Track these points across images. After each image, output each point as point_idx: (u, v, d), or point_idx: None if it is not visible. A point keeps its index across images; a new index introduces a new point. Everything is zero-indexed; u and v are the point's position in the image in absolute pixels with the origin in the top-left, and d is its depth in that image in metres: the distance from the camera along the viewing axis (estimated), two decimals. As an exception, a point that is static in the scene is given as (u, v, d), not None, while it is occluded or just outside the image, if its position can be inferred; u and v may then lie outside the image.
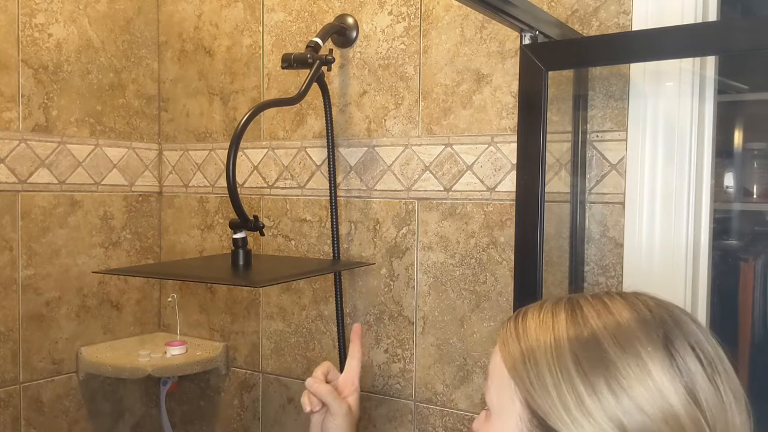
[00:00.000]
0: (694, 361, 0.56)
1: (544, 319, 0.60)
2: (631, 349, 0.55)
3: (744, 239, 2.13)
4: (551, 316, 0.60)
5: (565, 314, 0.60)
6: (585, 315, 0.59)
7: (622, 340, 0.56)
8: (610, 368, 0.54)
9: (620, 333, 0.56)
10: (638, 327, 0.57)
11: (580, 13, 1.32)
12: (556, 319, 0.59)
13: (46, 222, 1.70)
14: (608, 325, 0.57)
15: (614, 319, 0.58)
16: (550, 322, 0.59)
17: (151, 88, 1.93)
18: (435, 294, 1.51)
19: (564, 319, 0.59)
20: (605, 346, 0.56)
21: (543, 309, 0.62)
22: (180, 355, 1.77)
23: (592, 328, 0.57)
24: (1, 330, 1.63)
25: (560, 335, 0.58)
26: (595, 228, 1.32)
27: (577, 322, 0.58)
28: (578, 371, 0.55)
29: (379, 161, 1.57)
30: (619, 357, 0.55)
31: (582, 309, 0.59)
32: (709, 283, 1.28)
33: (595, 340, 0.56)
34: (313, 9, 1.65)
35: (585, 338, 0.56)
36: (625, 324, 0.57)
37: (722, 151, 2.15)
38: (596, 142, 1.32)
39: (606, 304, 0.60)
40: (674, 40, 1.00)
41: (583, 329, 0.57)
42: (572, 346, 0.56)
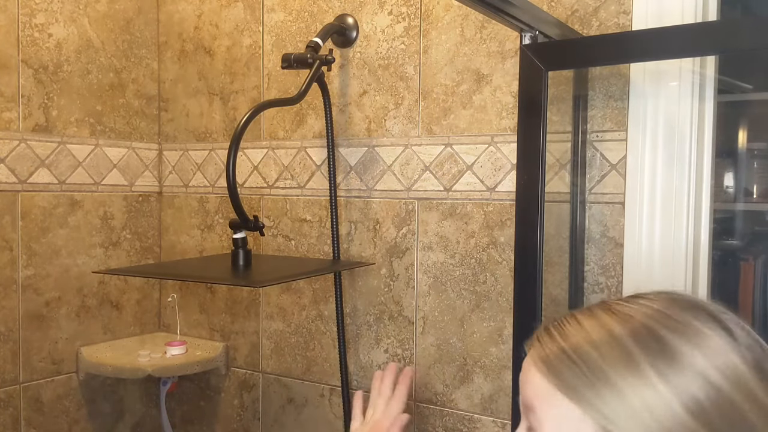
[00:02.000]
0: (746, 337, 0.55)
1: (591, 326, 0.58)
2: (688, 330, 0.54)
3: (744, 239, 2.13)
4: (594, 321, 0.58)
5: (607, 316, 0.58)
6: (627, 312, 0.57)
7: (675, 323, 0.55)
8: (671, 350, 0.53)
9: (670, 319, 0.56)
10: (685, 312, 0.56)
11: (580, 13, 1.32)
12: (602, 322, 0.57)
13: (46, 222, 1.70)
14: (655, 315, 0.56)
15: (658, 310, 0.57)
16: (597, 325, 0.57)
17: (151, 88, 1.93)
18: (435, 294, 1.51)
19: (609, 319, 0.57)
20: (661, 332, 0.55)
21: (579, 321, 0.59)
22: (180, 355, 1.77)
23: (640, 320, 0.56)
24: (1, 330, 1.63)
25: (614, 332, 0.56)
26: (595, 228, 1.32)
27: (624, 319, 0.57)
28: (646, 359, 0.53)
29: (379, 161, 1.57)
30: (677, 338, 0.54)
31: (620, 309, 0.58)
32: (709, 283, 1.28)
33: (649, 328, 0.55)
34: (313, 9, 1.65)
35: (639, 329, 0.55)
36: (670, 311, 0.56)
37: (722, 151, 2.15)
38: (596, 142, 1.32)
39: (640, 302, 0.59)
40: (674, 40, 1.00)
41: (633, 323, 0.56)
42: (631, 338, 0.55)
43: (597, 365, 0.54)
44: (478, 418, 1.46)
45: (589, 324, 0.58)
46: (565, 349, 0.57)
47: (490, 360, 1.44)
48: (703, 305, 0.58)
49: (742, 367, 0.54)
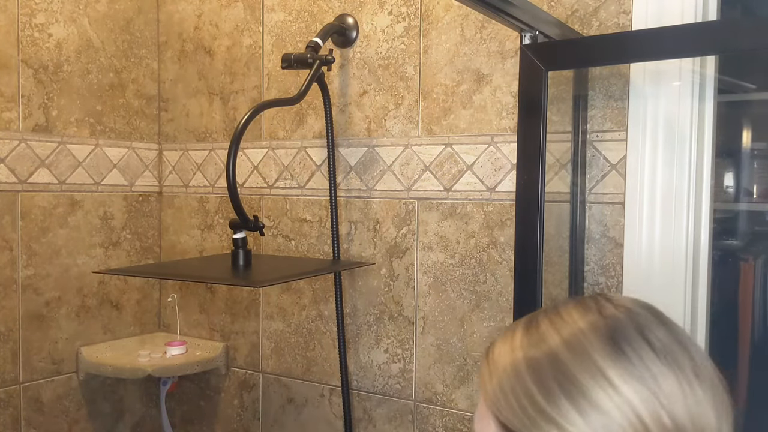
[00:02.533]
0: (643, 348, 0.56)
1: (505, 343, 0.60)
2: (583, 354, 0.56)
3: (744, 239, 2.13)
4: (511, 338, 0.60)
5: (521, 333, 0.60)
6: (540, 329, 0.59)
7: (574, 346, 0.56)
8: (565, 378, 0.55)
9: (571, 339, 0.57)
10: (588, 329, 0.57)
11: (580, 13, 1.32)
12: (515, 340, 0.60)
13: (46, 222, 1.70)
14: (561, 335, 0.57)
15: (566, 327, 0.58)
16: (510, 343, 0.60)
17: (151, 88, 1.93)
18: (435, 294, 1.51)
19: (520, 337, 0.59)
20: (558, 356, 0.56)
21: (506, 334, 0.62)
22: (180, 355, 1.77)
23: (545, 341, 0.58)
24: (1, 330, 1.63)
25: (518, 355, 0.58)
26: (595, 228, 1.32)
27: (532, 339, 0.59)
28: (537, 386, 0.55)
29: (379, 161, 1.57)
30: (572, 364, 0.55)
31: (538, 324, 0.60)
32: (709, 283, 1.28)
33: (548, 352, 0.57)
34: (313, 9, 1.65)
35: (539, 353, 0.57)
36: (575, 329, 0.57)
37: (722, 151, 2.15)
38: (596, 142, 1.32)
39: (559, 313, 0.60)
40: (674, 40, 1.00)
41: (537, 345, 0.58)
42: (528, 364, 0.57)
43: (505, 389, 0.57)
44: (478, 418, 1.46)
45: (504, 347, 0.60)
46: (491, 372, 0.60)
47: (490, 360, 1.44)
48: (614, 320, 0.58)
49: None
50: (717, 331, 1.64)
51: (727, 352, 1.98)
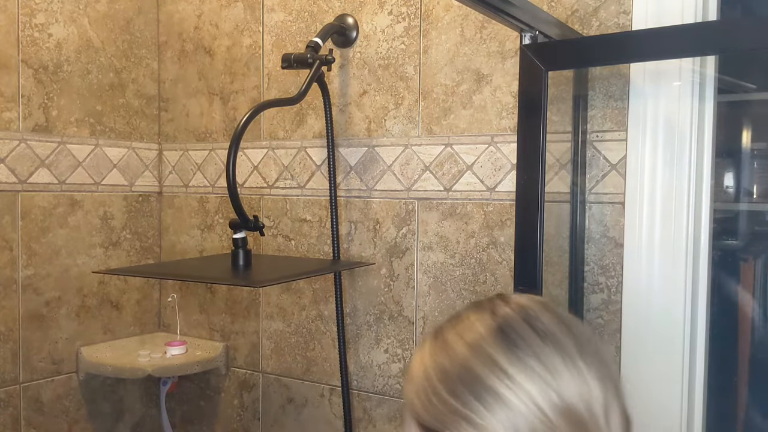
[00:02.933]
0: (533, 339, 0.61)
1: (418, 354, 0.65)
2: (482, 354, 0.60)
3: (744, 239, 2.13)
4: (421, 350, 0.65)
5: (429, 344, 0.65)
6: (445, 338, 0.64)
7: (474, 348, 0.61)
8: (470, 379, 0.59)
9: (472, 343, 0.61)
10: (485, 330, 0.62)
11: (580, 13, 1.32)
12: (424, 351, 0.64)
13: (46, 222, 1.70)
14: (463, 340, 0.62)
15: (467, 332, 0.63)
16: (420, 355, 0.64)
17: (151, 88, 1.93)
18: (435, 294, 1.51)
19: (429, 349, 0.64)
20: (462, 360, 0.61)
21: (418, 347, 0.67)
22: (180, 355, 1.77)
23: (450, 349, 0.62)
24: (1, 330, 1.63)
25: (427, 365, 0.62)
26: (595, 228, 1.32)
27: (438, 348, 0.63)
28: (447, 391, 0.60)
29: (379, 161, 1.57)
30: (475, 365, 0.60)
31: (443, 333, 0.64)
32: (709, 283, 1.27)
33: (453, 359, 0.61)
34: (313, 9, 1.65)
35: (445, 360, 0.62)
36: (475, 333, 0.62)
37: (722, 151, 2.15)
38: (596, 142, 1.32)
39: (461, 319, 0.65)
40: (674, 40, 1.00)
41: (443, 353, 0.62)
42: (437, 372, 0.61)
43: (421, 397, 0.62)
44: (478, 418, 1.46)
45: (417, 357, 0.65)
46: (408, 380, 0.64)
47: (490, 360, 1.44)
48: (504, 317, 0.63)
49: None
50: (717, 331, 1.64)
51: (727, 352, 1.98)
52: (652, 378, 1.25)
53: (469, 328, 0.63)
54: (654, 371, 1.25)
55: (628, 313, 1.28)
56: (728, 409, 1.97)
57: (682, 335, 1.24)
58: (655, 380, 1.25)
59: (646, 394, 1.26)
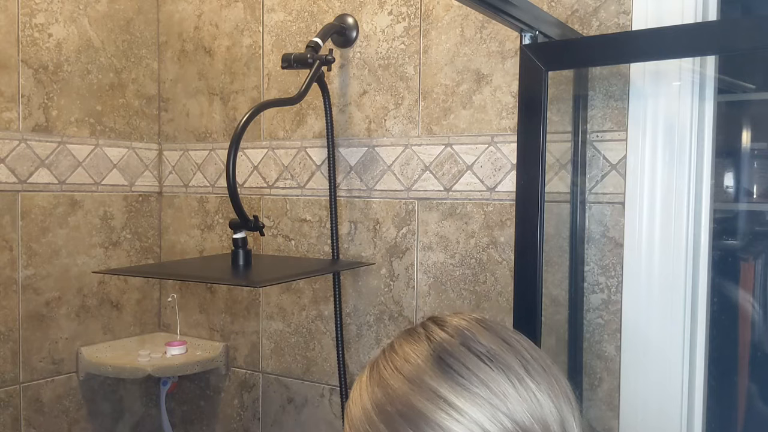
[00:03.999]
0: (471, 361, 0.58)
1: (355, 394, 0.62)
2: (421, 385, 0.57)
3: (744, 239, 2.13)
4: (359, 389, 0.62)
5: (366, 381, 0.61)
6: (381, 374, 0.60)
7: (412, 380, 0.57)
8: (413, 416, 0.56)
9: (409, 375, 0.58)
10: (421, 360, 0.59)
11: (580, 13, 1.32)
12: (362, 390, 0.61)
13: (46, 222, 1.70)
14: (400, 373, 0.59)
15: (404, 364, 0.59)
16: (358, 395, 0.61)
17: (151, 88, 1.93)
18: (435, 294, 1.51)
19: (366, 386, 0.61)
20: (401, 396, 0.57)
21: (355, 385, 0.63)
22: (180, 355, 1.77)
23: (387, 384, 0.59)
24: (1, 330, 1.63)
25: (366, 405, 0.59)
26: (595, 228, 1.32)
27: (374, 385, 0.60)
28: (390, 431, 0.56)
29: (379, 161, 1.57)
30: (415, 399, 0.56)
31: (379, 368, 0.61)
32: (709, 283, 1.27)
33: (392, 395, 0.58)
34: (313, 9, 1.65)
35: (383, 398, 0.58)
36: (411, 364, 0.59)
37: (722, 151, 2.15)
38: (596, 142, 1.32)
39: (396, 351, 0.61)
40: (674, 40, 1.00)
41: (380, 390, 0.59)
42: (376, 412, 0.58)
43: None
44: (478, 418, 1.46)
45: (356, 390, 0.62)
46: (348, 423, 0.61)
47: (490, 360, 1.44)
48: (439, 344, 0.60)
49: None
50: (717, 331, 1.64)
51: (727, 352, 1.98)
52: (652, 378, 1.25)
53: (406, 359, 0.59)
54: (654, 371, 1.25)
55: (628, 313, 1.29)
56: (728, 409, 1.97)
57: (682, 335, 1.24)
58: (655, 380, 1.25)
59: (646, 394, 1.26)
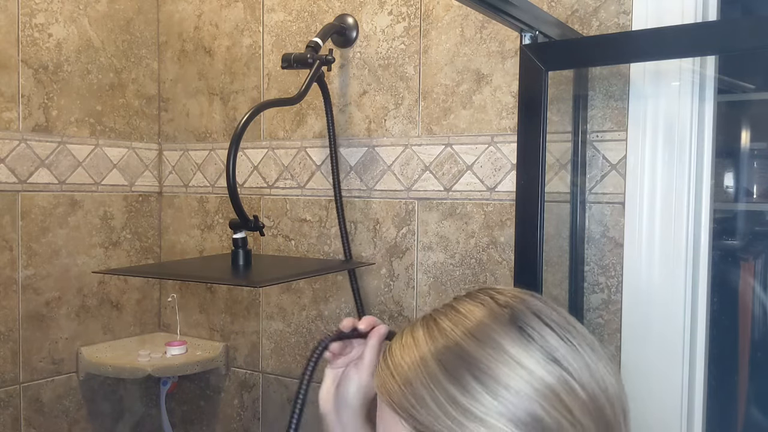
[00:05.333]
0: (543, 328, 0.59)
1: (406, 343, 0.62)
2: (488, 340, 0.58)
3: (744, 239, 2.13)
4: (411, 338, 0.62)
5: (422, 331, 0.62)
6: (440, 326, 0.61)
7: (478, 335, 0.59)
8: (474, 364, 0.57)
9: (475, 330, 0.59)
10: (488, 318, 0.60)
11: (580, 13, 1.32)
12: (416, 339, 0.61)
13: (46, 222, 1.70)
14: (463, 327, 0.60)
15: (466, 320, 0.61)
16: (412, 343, 0.61)
17: (151, 88, 1.93)
18: (435, 294, 1.51)
19: (422, 335, 0.61)
20: (464, 346, 0.58)
21: (404, 336, 0.64)
22: (180, 355, 1.77)
23: (449, 335, 0.60)
24: (1, 330, 1.63)
25: (423, 351, 0.60)
26: (595, 228, 1.32)
27: (434, 335, 0.61)
28: (447, 377, 0.57)
29: (379, 161, 1.57)
30: (479, 351, 0.58)
31: (436, 321, 0.62)
32: (709, 283, 1.28)
33: (454, 344, 0.59)
34: (313, 9, 1.65)
35: (445, 346, 0.59)
36: (476, 320, 0.60)
37: (722, 151, 2.15)
38: (596, 142, 1.32)
39: (456, 309, 0.62)
40: (674, 40, 1.00)
41: (441, 339, 0.60)
42: (436, 357, 0.59)
43: (408, 382, 0.59)
44: (478, 418, 1.46)
45: (406, 341, 0.62)
46: (390, 366, 0.61)
47: (490, 360, 1.44)
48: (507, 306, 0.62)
49: (538, 368, 0.57)
50: (717, 331, 1.64)
51: (727, 352, 1.98)
52: (652, 378, 1.25)
53: (470, 317, 0.61)
54: (654, 371, 1.25)
55: (628, 313, 1.29)
56: (728, 409, 1.97)
57: (682, 335, 1.24)
58: (655, 380, 1.25)
59: (646, 394, 1.26)
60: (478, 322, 0.60)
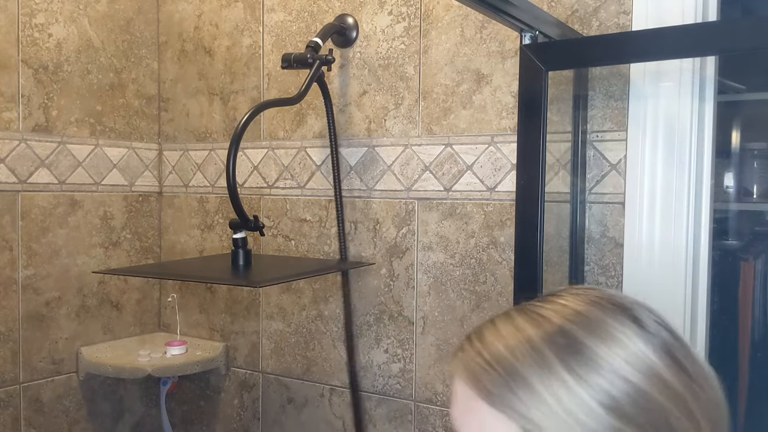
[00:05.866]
0: (654, 324, 0.57)
1: (503, 327, 0.58)
2: (600, 328, 0.56)
3: (744, 239, 2.13)
4: (511, 326, 0.58)
5: (523, 320, 0.58)
6: (543, 315, 0.58)
7: (588, 323, 0.56)
8: (587, 353, 0.54)
9: (583, 319, 0.57)
10: (597, 309, 0.57)
11: (580, 13, 1.32)
12: (518, 326, 0.58)
13: (46, 222, 1.70)
14: (569, 316, 0.57)
15: (572, 310, 0.58)
16: (513, 330, 0.57)
17: (151, 88, 1.93)
18: (435, 294, 1.51)
19: (525, 323, 0.58)
20: (575, 333, 0.55)
21: (498, 321, 0.60)
22: (180, 355, 1.77)
23: (556, 323, 0.57)
24: (1, 330, 1.63)
25: (530, 336, 0.56)
26: (595, 228, 1.32)
27: (540, 322, 0.57)
28: (562, 364, 0.54)
29: (379, 161, 1.57)
30: (591, 338, 0.55)
31: (537, 311, 0.59)
32: (709, 283, 1.28)
33: (563, 330, 0.56)
34: (313, 9, 1.65)
35: (554, 332, 0.56)
36: (583, 310, 0.57)
37: (722, 151, 2.15)
38: (596, 142, 1.32)
39: (556, 302, 0.59)
40: (674, 40, 1.00)
41: (548, 326, 0.57)
42: (547, 342, 0.55)
43: (514, 369, 0.55)
44: (478, 418, 1.46)
45: (505, 329, 0.58)
46: (484, 355, 0.57)
47: (490, 360, 1.44)
48: (615, 298, 0.59)
49: (653, 357, 0.55)
50: (717, 331, 1.64)
51: (727, 352, 1.98)
52: (652, 378, 1.25)
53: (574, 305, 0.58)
54: (654, 371, 1.25)
55: (628, 313, 1.28)
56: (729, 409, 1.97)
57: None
58: (655, 380, 1.25)
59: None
60: (585, 311, 0.57)
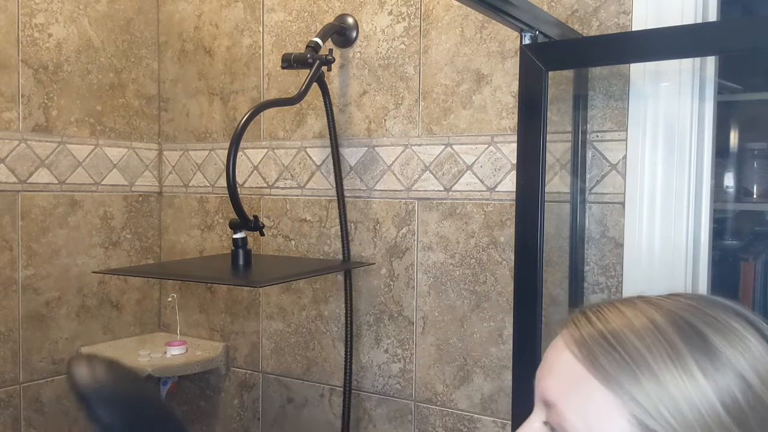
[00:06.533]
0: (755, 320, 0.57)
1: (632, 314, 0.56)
2: (726, 328, 0.55)
3: (744, 239, 2.13)
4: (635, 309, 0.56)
5: (647, 307, 0.56)
6: (661, 305, 0.56)
7: (713, 321, 0.55)
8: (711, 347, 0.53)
9: (707, 316, 0.55)
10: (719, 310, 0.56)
11: (580, 13, 1.32)
12: (643, 310, 0.56)
13: (46, 222, 1.70)
14: (693, 311, 0.56)
15: (694, 307, 0.56)
16: (638, 313, 0.55)
17: (151, 88, 1.93)
18: (435, 294, 1.51)
19: (650, 310, 0.56)
20: (701, 327, 0.54)
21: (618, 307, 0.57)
22: (180, 355, 1.77)
23: (680, 315, 0.55)
24: (1, 330, 1.63)
25: (653, 317, 0.54)
26: (595, 228, 1.32)
27: (665, 310, 0.56)
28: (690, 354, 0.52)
29: (379, 161, 1.57)
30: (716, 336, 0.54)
31: (657, 302, 0.57)
32: (709, 283, 1.28)
33: (689, 323, 0.54)
34: (313, 9, 1.65)
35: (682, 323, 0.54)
36: (706, 309, 0.56)
37: (722, 151, 2.15)
38: (596, 142, 1.32)
39: (673, 298, 0.58)
40: (674, 40, 1.00)
41: (674, 316, 0.55)
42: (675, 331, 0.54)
43: (639, 353, 0.53)
44: (478, 418, 1.46)
45: (630, 312, 0.56)
46: (605, 333, 0.55)
47: (490, 360, 1.44)
48: (739, 309, 0.58)
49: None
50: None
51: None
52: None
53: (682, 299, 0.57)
54: (654, 371, 1.25)
55: (628, 313, 1.28)
56: None
57: (682, 335, 1.23)
58: (655, 380, 1.25)
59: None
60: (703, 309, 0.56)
